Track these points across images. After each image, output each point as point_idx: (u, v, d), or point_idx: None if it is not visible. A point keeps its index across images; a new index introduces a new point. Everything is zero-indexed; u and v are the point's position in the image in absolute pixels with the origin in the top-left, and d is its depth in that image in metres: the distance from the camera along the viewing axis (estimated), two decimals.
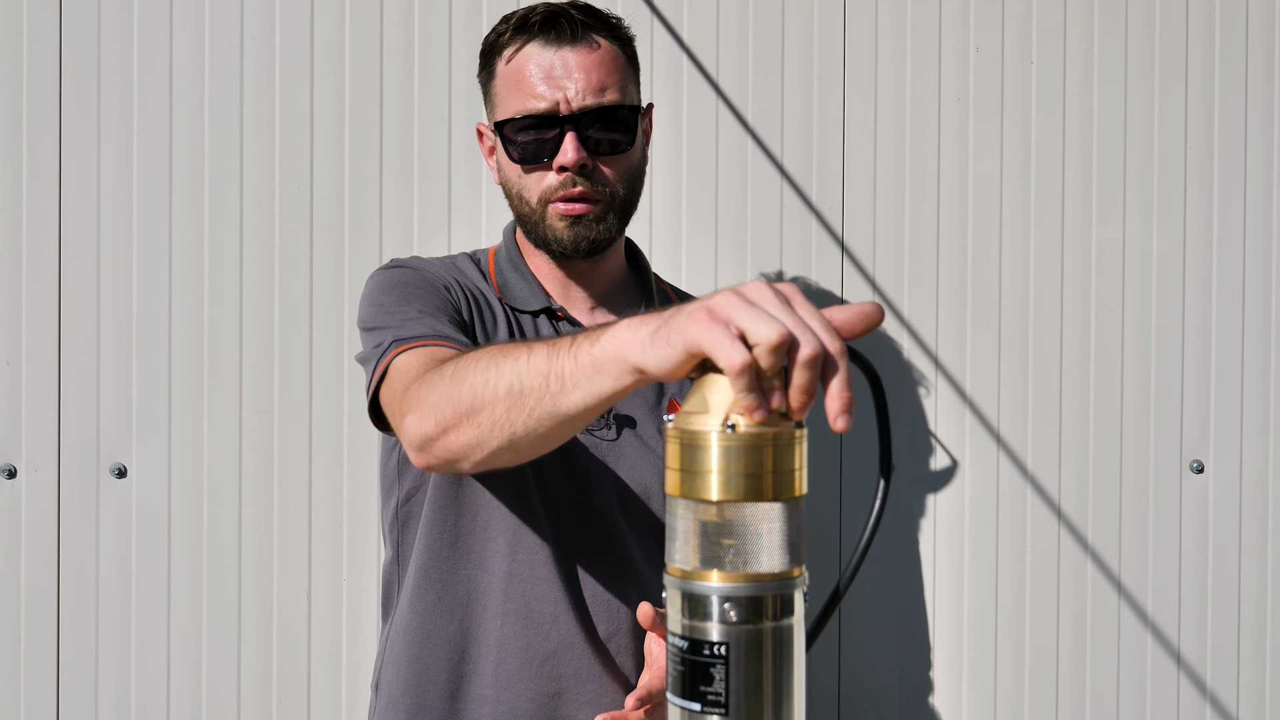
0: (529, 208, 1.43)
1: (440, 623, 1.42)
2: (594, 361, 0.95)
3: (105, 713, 1.90)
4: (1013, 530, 2.07)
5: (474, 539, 1.42)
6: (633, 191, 1.46)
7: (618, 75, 1.41)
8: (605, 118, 1.39)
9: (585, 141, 1.38)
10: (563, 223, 1.40)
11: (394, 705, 1.44)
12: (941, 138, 2.05)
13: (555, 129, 1.37)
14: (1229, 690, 2.11)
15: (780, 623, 0.85)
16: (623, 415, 1.46)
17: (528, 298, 1.47)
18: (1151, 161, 2.09)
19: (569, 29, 1.38)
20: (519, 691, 1.41)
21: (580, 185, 1.39)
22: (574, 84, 1.37)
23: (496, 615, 1.41)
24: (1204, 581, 2.10)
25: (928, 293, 2.05)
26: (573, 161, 1.37)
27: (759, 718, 0.85)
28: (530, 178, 1.41)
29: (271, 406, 1.92)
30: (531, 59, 1.39)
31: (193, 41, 1.91)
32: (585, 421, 1.02)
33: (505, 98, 1.41)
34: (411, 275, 1.43)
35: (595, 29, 1.40)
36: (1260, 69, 2.11)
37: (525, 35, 1.39)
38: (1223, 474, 2.11)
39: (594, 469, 1.44)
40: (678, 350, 0.85)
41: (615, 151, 1.41)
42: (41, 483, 1.89)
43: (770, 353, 0.80)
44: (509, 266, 1.50)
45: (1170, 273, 2.10)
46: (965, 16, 2.06)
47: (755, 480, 0.84)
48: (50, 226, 1.89)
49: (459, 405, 1.08)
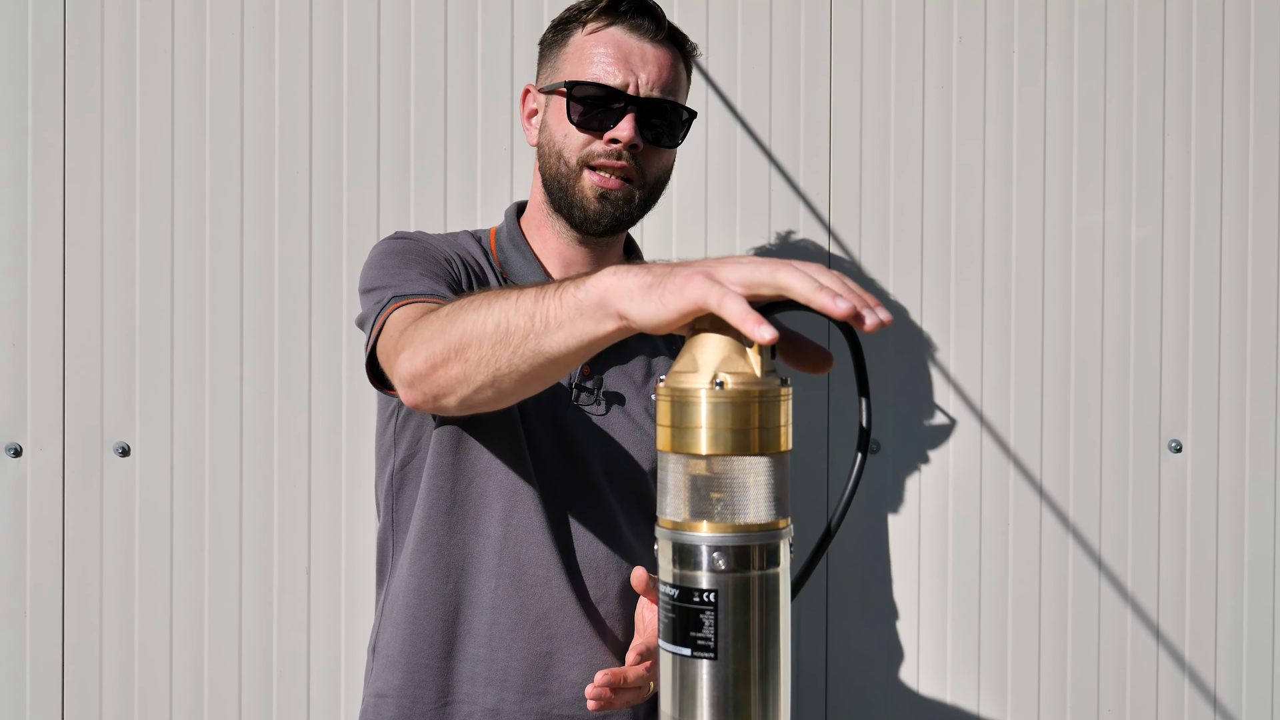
0: (566, 167, 1.46)
1: (436, 584, 1.45)
2: (578, 304, 0.97)
3: (109, 682, 1.91)
4: (996, 508, 2.08)
5: (469, 504, 1.44)
6: (659, 187, 1.52)
7: (681, 81, 1.50)
8: (665, 112, 1.46)
9: (642, 124, 1.44)
10: (594, 193, 1.45)
11: (391, 665, 1.46)
12: (925, 125, 2.07)
13: (620, 103, 1.43)
14: (1207, 664, 2.12)
15: (766, 571, 0.88)
16: (611, 392, 1.49)
17: (527, 274, 1.50)
18: (1131, 150, 2.10)
19: (653, 27, 1.45)
20: (512, 651, 1.43)
21: (624, 161, 1.44)
22: (647, 73, 1.44)
23: (491, 577, 1.44)
24: (1182, 558, 2.12)
25: (912, 277, 2.07)
26: (627, 138, 1.42)
27: (746, 662, 0.88)
28: (579, 138, 1.44)
29: (271, 385, 1.93)
30: (615, 38, 1.44)
31: (194, 32, 1.93)
32: (568, 365, 1.04)
33: (579, 63, 1.45)
34: (414, 245, 1.46)
35: (674, 37, 1.49)
36: (1236, 59, 2.12)
37: (612, 17, 1.45)
38: (1200, 453, 2.12)
39: (585, 441, 1.47)
40: (671, 309, 0.88)
41: (662, 144, 1.47)
42: (46, 461, 1.90)
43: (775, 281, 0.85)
44: (510, 245, 1.53)
45: (1149, 258, 2.11)
46: (948, 6, 2.07)
47: (742, 435, 0.86)
48: (55, 211, 1.90)
49: (449, 341, 1.11)
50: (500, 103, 1.97)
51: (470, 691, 1.44)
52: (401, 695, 1.45)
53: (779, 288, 0.86)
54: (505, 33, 1.98)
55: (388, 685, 1.46)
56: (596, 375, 1.49)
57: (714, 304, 0.85)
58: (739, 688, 0.88)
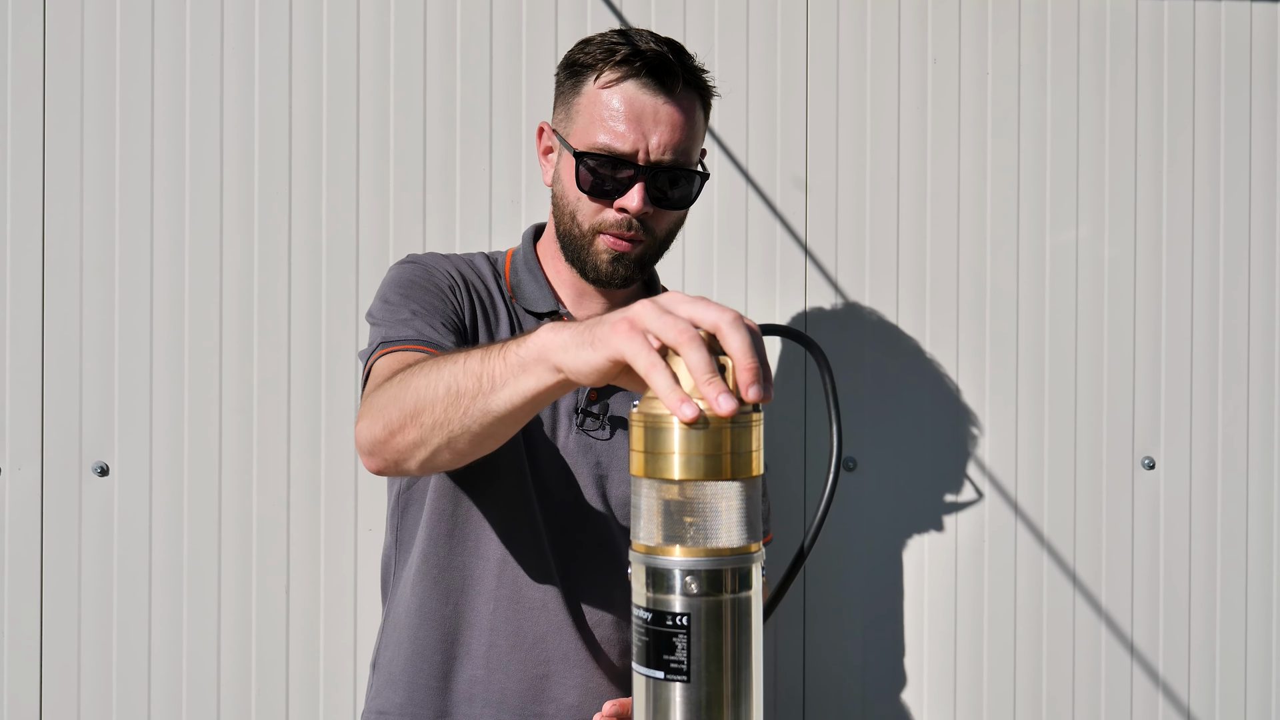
0: (579, 230, 1.43)
1: (436, 605, 1.44)
2: (520, 361, 0.98)
3: (87, 703, 1.89)
4: (971, 524, 2.08)
5: (470, 527, 1.44)
6: (670, 238, 1.49)
7: (695, 136, 1.43)
8: (675, 176, 1.41)
9: (651, 192, 1.40)
10: (606, 255, 1.42)
11: (393, 683, 1.46)
12: (901, 145, 2.07)
13: (629, 171, 1.38)
14: (1180, 678, 2.12)
15: (739, 595, 0.87)
16: (616, 417, 1.48)
17: (538, 300, 1.49)
18: (1103, 169, 2.11)
19: (669, 82, 1.38)
20: (509, 673, 1.43)
21: (635, 230, 1.41)
22: (659, 136, 1.38)
23: (489, 599, 1.43)
24: (1156, 572, 2.12)
25: (888, 295, 2.07)
26: (636, 209, 1.39)
27: (719, 684, 0.87)
28: (591, 206, 1.41)
29: (250, 405, 1.92)
30: (627, 97, 1.38)
31: (173, 55, 1.92)
32: (517, 422, 1.05)
33: (589, 123, 1.40)
34: (419, 273, 1.44)
35: (691, 85, 1.41)
36: (1206, 81, 2.14)
37: (627, 71, 1.38)
38: (1173, 470, 2.12)
39: (586, 466, 1.46)
40: (600, 356, 0.89)
41: (674, 207, 1.43)
42: (25, 480, 1.88)
43: (681, 344, 0.83)
44: (524, 269, 1.52)
45: (1121, 276, 2.12)
46: (923, 28, 2.08)
47: (714, 460, 0.85)
48: (34, 230, 1.88)
49: (404, 408, 1.12)
50: (478, 120, 1.97)
51: (468, 712, 1.44)
52: (402, 713, 1.45)
53: (622, 358, 0.87)
54: (484, 47, 1.97)
55: (389, 703, 1.47)
56: (602, 400, 1.47)
57: (642, 370, 0.85)
58: (712, 710, 0.87)
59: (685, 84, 1.40)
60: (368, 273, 1.93)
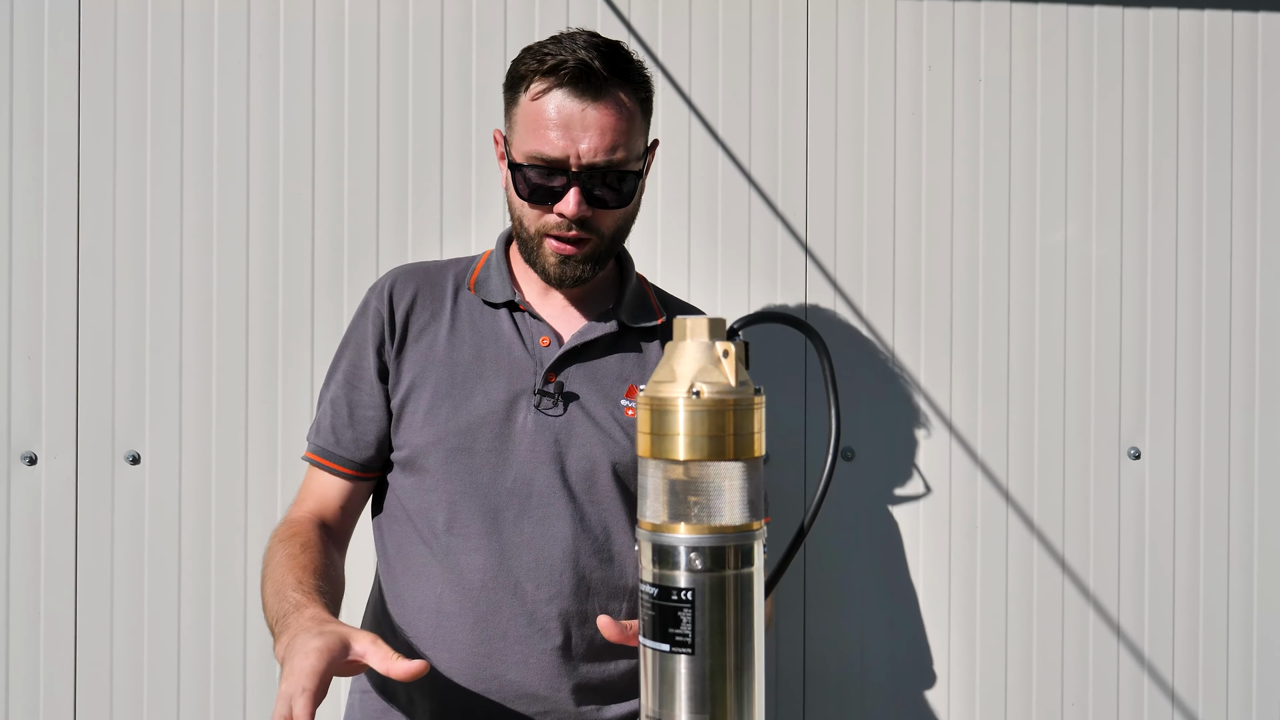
0: (526, 234, 1.45)
1: (398, 592, 1.48)
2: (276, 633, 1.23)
3: (120, 682, 1.91)
4: (964, 512, 2.08)
5: (419, 519, 1.46)
6: (622, 233, 1.48)
7: (629, 134, 1.40)
8: (610, 176, 1.39)
9: (587, 195, 1.39)
10: (554, 258, 1.44)
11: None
12: (897, 149, 2.07)
13: (563, 178, 1.38)
14: (1164, 659, 2.13)
15: (741, 571, 0.89)
16: (569, 392, 1.47)
17: (496, 293, 1.51)
18: (1091, 172, 2.11)
19: (594, 86, 1.36)
20: (453, 651, 1.43)
21: (575, 231, 1.41)
22: (588, 140, 1.36)
23: (436, 584, 1.44)
24: (1141, 559, 2.12)
25: (884, 293, 2.07)
26: (573, 214, 1.39)
27: (722, 656, 0.89)
28: (531, 211, 1.43)
29: (275, 396, 1.94)
30: (554, 105, 1.37)
31: (201, 60, 1.94)
32: None
33: (523, 134, 1.40)
34: (357, 333, 1.54)
35: (619, 84, 1.39)
36: (1190, 86, 2.14)
37: (553, 80, 1.37)
38: (1158, 460, 2.12)
39: (538, 443, 1.45)
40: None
41: (613, 206, 1.42)
42: (60, 469, 1.91)
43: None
44: (494, 267, 1.54)
45: (1109, 275, 2.11)
46: (918, 37, 2.08)
47: (718, 441, 0.88)
48: (69, 231, 1.91)
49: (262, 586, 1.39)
50: (495, 124, 1.98)
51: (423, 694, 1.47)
52: (382, 691, 1.49)
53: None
54: (498, 54, 1.99)
55: (369, 682, 1.52)
56: (559, 380, 1.47)
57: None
58: (715, 682, 0.89)
59: (610, 84, 1.38)
60: (387, 267, 1.94)
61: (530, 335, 1.48)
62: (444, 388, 1.46)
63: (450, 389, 1.46)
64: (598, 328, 1.50)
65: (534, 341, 1.48)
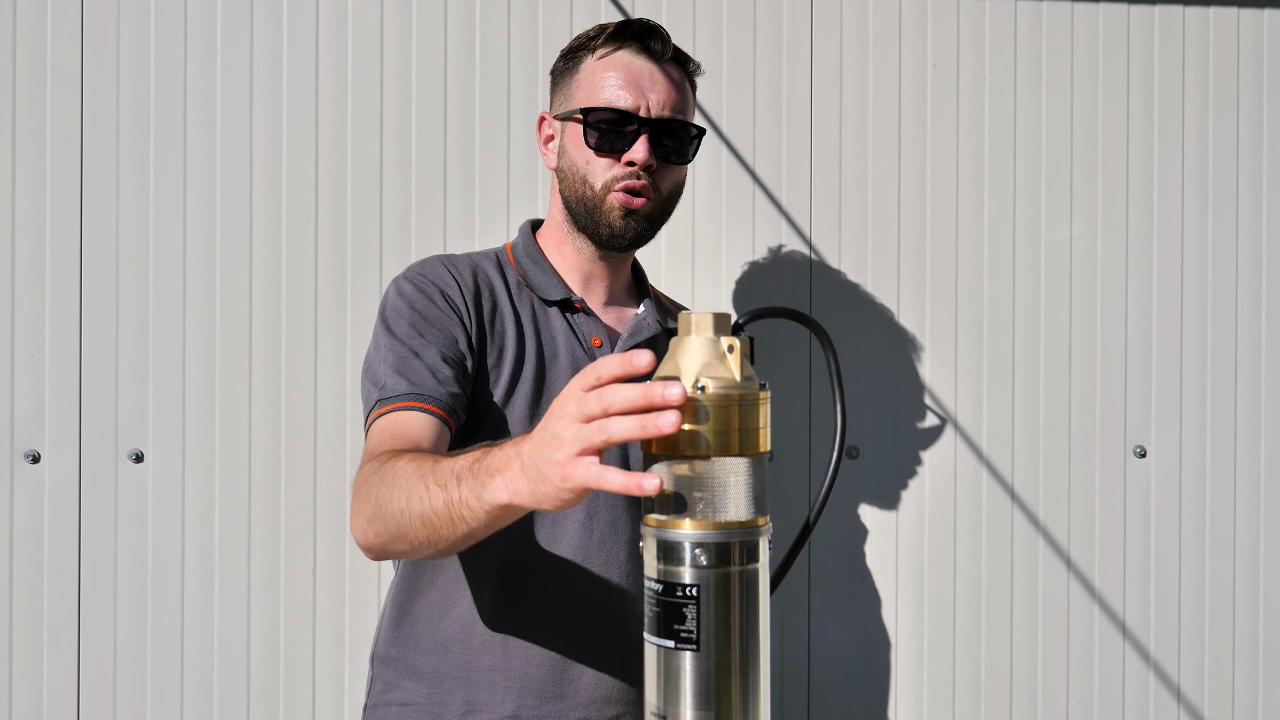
0: (591, 191, 1.45)
1: (423, 587, 1.43)
2: (487, 513, 1.02)
3: (123, 680, 1.90)
4: (969, 510, 2.08)
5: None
6: (672, 202, 1.51)
7: (689, 104, 1.49)
8: (676, 131, 1.46)
9: (655, 146, 1.44)
10: (619, 212, 1.45)
11: (389, 661, 1.45)
12: (901, 146, 2.07)
13: (634, 126, 1.43)
14: (1170, 657, 2.12)
15: (746, 567, 0.88)
16: None
17: (549, 288, 1.49)
18: (1096, 170, 2.11)
19: (662, 48, 1.45)
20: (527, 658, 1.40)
21: (643, 179, 1.44)
22: (657, 94, 1.44)
23: (464, 579, 1.41)
24: (1147, 557, 2.12)
25: (889, 290, 2.07)
26: (643, 159, 1.42)
27: (726, 653, 0.88)
28: (600, 163, 1.44)
29: (278, 394, 1.93)
30: (624, 62, 1.45)
31: (205, 57, 1.93)
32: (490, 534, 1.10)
33: (591, 89, 1.45)
34: (418, 299, 1.41)
35: (677, 58, 1.48)
36: (1195, 85, 2.13)
37: (620, 42, 1.45)
38: (1163, 458, 2.12)
39: None
40: (568, 495, 0.92)
41: (676, 161, 1.47)
42: (63, 467, 1.90)
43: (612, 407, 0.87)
44: (528, 260, 1.52)
45: (1114, 273, 2.11)
46: (923, 34, 2.08)
47: (723, 437, 0.87)
48: (72, 228, 1.90)
49: (388, 527, 1.16)
50: (496, 120, 1.98)
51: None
52: (430, 703, 1.41)
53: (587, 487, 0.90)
54: (501, 48, 1.99)
55: (412, 694, 1.43)
56: None
57: (595, 484, 0.87)
58: (720, 678, 0.88)
59: (675, 58, 1.47)
60: (391, 266, 1.94)
61: (584, 335, 1.48)
62: (528, 374, 1.42)
63: (534, 379, 1.42)
64: (645, 327, 1.52)
65: (587, 342, 1.48)
